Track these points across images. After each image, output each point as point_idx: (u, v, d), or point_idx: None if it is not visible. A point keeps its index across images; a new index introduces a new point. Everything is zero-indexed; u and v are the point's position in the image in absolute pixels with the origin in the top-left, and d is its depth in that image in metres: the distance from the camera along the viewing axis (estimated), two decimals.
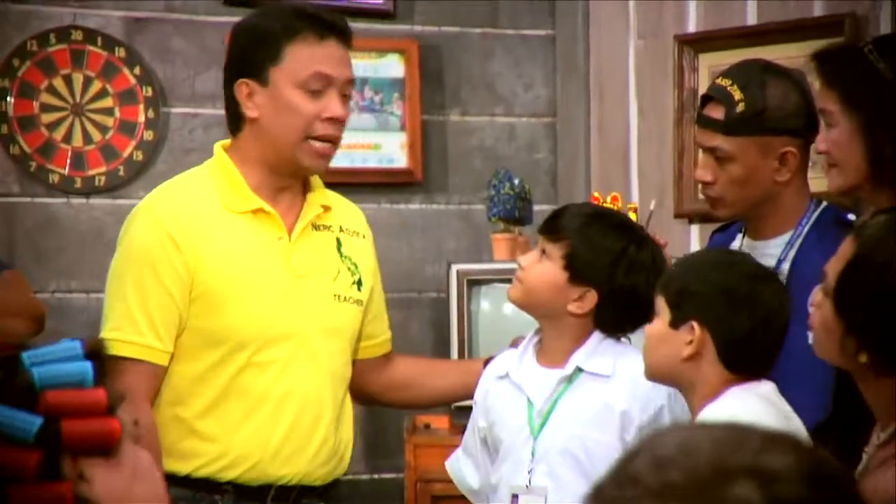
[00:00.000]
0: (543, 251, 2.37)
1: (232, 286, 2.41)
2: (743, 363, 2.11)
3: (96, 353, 1.19)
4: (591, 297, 2.33)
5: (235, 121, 2.48)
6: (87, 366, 1.16)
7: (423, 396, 2.76)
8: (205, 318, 2.40)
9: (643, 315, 2.26)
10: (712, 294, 2.10)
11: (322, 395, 2.46)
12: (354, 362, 2.58)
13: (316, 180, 2.56)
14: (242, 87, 2.44)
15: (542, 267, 2.36)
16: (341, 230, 2.56)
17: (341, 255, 2.53)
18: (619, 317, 2.36)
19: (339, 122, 2.45)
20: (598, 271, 2.32)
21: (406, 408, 3.30)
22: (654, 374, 2.18)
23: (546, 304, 2.36)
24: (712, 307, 2.09)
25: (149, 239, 2.40)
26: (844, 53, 2.34)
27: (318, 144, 2.44)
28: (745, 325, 2.09)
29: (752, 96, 2.41)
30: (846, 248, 1.82)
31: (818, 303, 1.88)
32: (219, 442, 2.41)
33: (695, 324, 2.09)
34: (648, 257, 2.35)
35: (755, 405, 2.05)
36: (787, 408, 2.13)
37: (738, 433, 0.99)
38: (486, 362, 2.62)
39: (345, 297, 2.52)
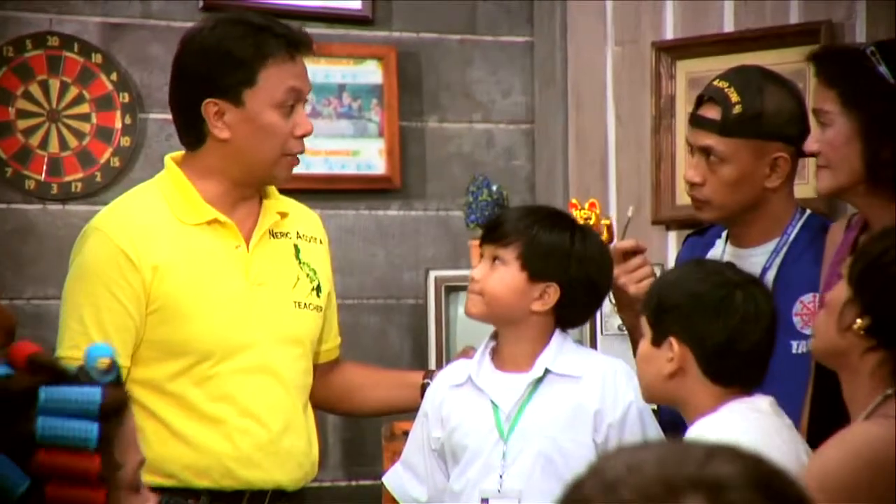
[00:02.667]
0: (495, 258, 2.38)
1: (191, 298, 2.40)
2: (727, 374, 2.09)
3: (113, 407, 1.17)
4: (553, 292, 2.36)
5: (196, 135, 2.46)
6: (94, 430, 1.15)
7: (363, 407, 2.78)
8: (164, 330, 2.40)
9: (599, 304, 2.46)
10: (685, 307, 2.10)
11: (284, 403, 2.46)
12: None
13: (271, 187, 2.56)
14: (210, 107, 2.42)
15: (499, 273, 2.37)
16: (299, 236, 2.56)
17: (300, 262, 2.54)
18: (578, 308, 2.42)
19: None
20: (555, 264, 2.36)
21: (347, 416, 3.31)
22: (649, 396, 2.20)
23: (510, 309, 2.37)
24: (686, 320, 2.10)
25: (101, 257, 2.41)
26: (845, 54, 2.34)
27: (290, 159, 2.47)
28: (719, 333, 2.08)
29: (750, 99, 2.41)
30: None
31: (828, 300, 1.91)
32: (181, 453, 2.41)
33: (673, 340, 2.10)
34: (593, 245, 2.41)
35: (751, 418, 2.04)
36: (789, 421, 2.12)
37: (681, 447, 1.01)
38: (426, 375, 2.65)
39: (305, 304, 2.52)
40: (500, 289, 2.37)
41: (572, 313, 2.42)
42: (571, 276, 2.36)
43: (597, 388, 2.35)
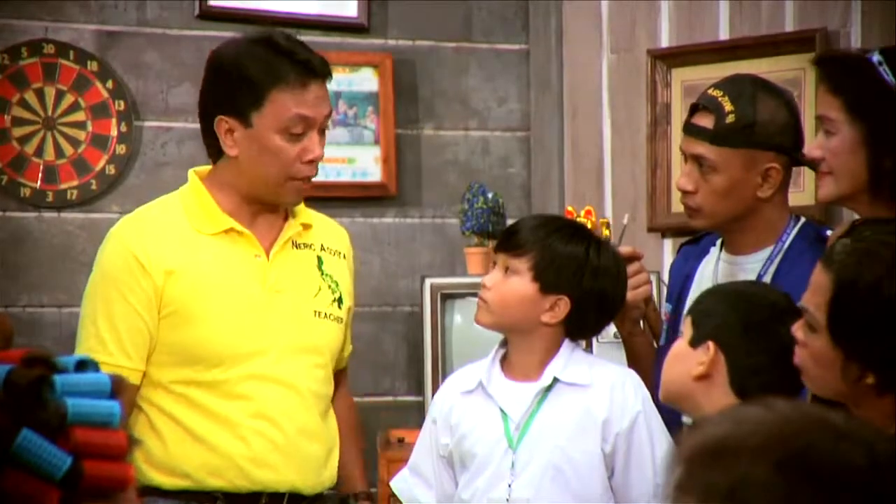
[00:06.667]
0: (507, 268, 2.37)
1: (203, 303, 2.43)
2: (753, 393, 2.08)
3: (118, 390, 1.19)
4: (564, 305, 2.35)
5: (216, 148, 2.49)
6: (117, 406, 1.16)
7: None
8: (176, 334, 2.43)
9: (611, 318, 2.44)
10: (732, 318, 2.12)
11: (298, 409, 2.47)
12: None
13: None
14: (222, 124, 2.44)
15: (511, 283, 2.36)
16: (322, 249, 2.58)
17: (322, 273, 2.55)
18: (590, 321, 2.41)
19: (318, 161, 2.48)
20: (567, 278, 2.34)
21: None
22: (667, 393, 2.20)
23: (519, 319, 2.36)
24: (729, 331, 2.11)
25: (115, 262, 2.45)
26: (850, 61, 2.32)
27: (297, 183, 2.46)
28: (758, 354, 2.09)
29: (743, 109, 2.40)
30: (821, 280, 1.84)
31: (803, 340, 1.89)
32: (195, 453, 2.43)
33: (711, 344, 2.11)
34: (609, 259, 2.39)
35: None
36: None
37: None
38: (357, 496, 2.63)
39: (326, 314, 2.53)
40: (509, 299, 2.36)
41: (583, 326, 2.40)
42: (584, 290, 2.34)
43: (605, 397, 2.34)
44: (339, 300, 2.57)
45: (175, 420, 2.42)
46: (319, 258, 2.56)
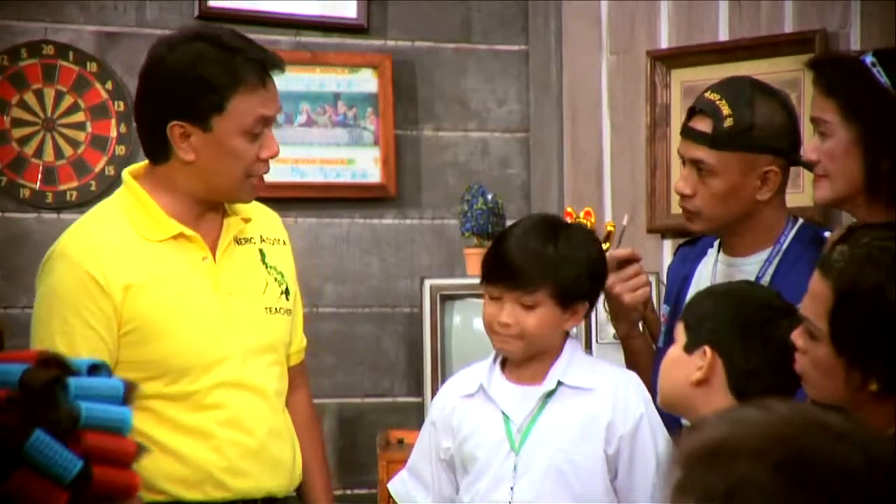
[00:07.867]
0: (522, 304, 2.35)
1: (165, 315, 2.38)
2: (752, 395, 2.08)
3: (130, 397, 1.20)
4: (582, 309, 2.39)
5: (160, 152, 2.42)
6: (128, 413, 1.17)
7: None
8: (140, 350, 2.38)
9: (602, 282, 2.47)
10: (727, 321, 2.11)
11: (265, 411, 2.46)
12: None
13: None
14: (176, 129, 2.37)
15: (536, 316, 2.35)
16: (262, 240, 2.54)
17: (267, 266, 2.52)
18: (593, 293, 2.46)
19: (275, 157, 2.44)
20: (583, 288, 2.38)
21: None
22: (666, 399, 2.20)
23: (549, 342, 2.38)
24: (726, 334, 2.11)
25: (69, 283, 2.37)
26: (844, 63, 2.32)
27: (253, 180, 2.43)
28: (756, 356, 2.09)
29: (741, 112, 2.40)
30: (820, 288, 1.83)
31: (803, 347, 1.88)
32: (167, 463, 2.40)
33: (707, 349, 2.10)
34: (577, 241, 2.41)
35: None
36: None
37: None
38: None
39: (276, 309, 2.51)
40: (541, 330, 2.36)
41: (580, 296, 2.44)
42: (594, 282, 2.41)
43: (608, 400, 2.34)
44: (286, 291, 2.53)
45: (145, 436, 2.33)
46: (261, 251, 2.52)
